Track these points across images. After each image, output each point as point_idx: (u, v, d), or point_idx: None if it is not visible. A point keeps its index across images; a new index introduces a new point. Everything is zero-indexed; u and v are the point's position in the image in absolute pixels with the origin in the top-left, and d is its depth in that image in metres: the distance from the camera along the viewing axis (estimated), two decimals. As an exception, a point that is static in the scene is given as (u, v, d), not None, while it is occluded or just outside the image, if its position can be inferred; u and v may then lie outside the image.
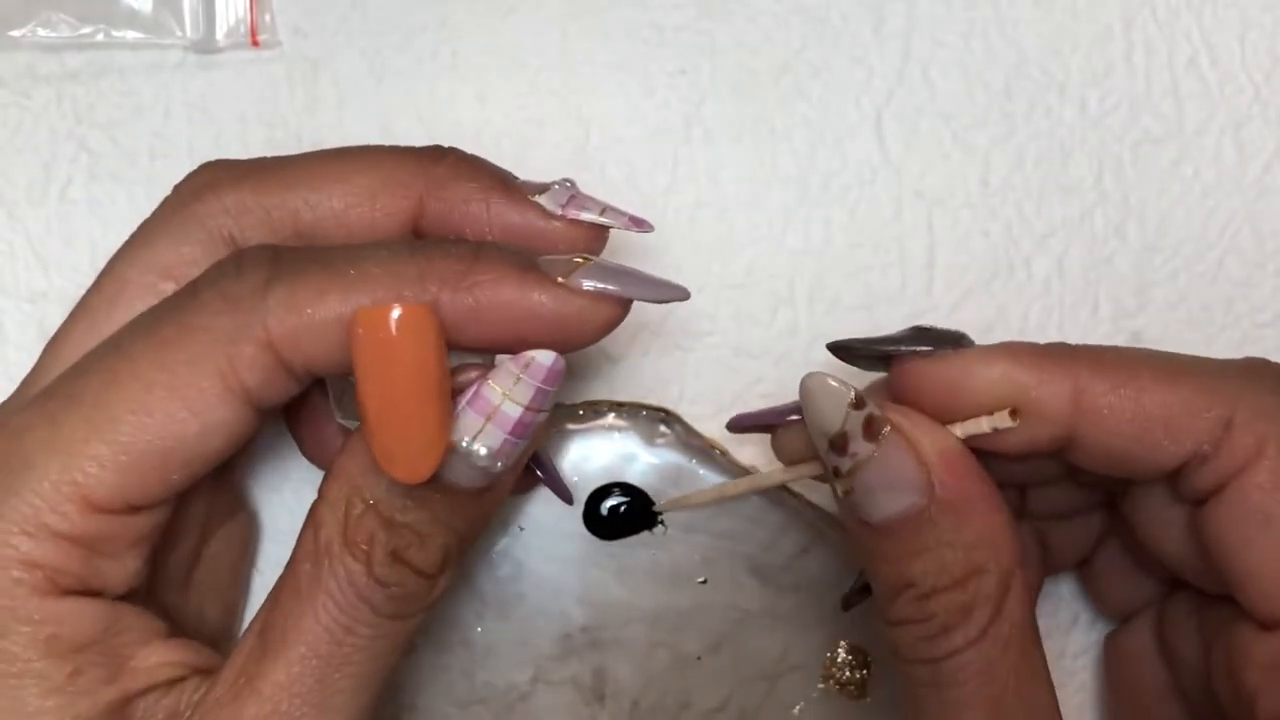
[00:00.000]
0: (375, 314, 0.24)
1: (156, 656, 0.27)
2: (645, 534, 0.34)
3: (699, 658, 0.34)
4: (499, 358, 0.26)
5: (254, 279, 0.26)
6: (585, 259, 0.27)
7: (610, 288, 0.27)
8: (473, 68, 0.37)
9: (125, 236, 0.30)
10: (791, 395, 0.37)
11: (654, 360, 0.36)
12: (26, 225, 0.36)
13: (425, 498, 0.26)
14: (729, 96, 0.37)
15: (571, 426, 0.34)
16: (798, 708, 0.34)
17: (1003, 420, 0.27)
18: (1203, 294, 0.37)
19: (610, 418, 0.35)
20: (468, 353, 0.27)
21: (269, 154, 0.37)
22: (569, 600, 0.34)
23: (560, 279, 0.26)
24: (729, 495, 0.33)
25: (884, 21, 0.37)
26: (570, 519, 0.34)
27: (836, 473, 0.27)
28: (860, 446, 0.26)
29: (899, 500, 0.26)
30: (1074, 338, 0.36)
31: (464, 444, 0.25)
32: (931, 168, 0.37)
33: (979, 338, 0.36)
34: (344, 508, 0.26)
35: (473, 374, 0.26)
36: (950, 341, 0.28)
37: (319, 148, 0.36)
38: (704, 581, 0.34)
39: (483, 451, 0.26)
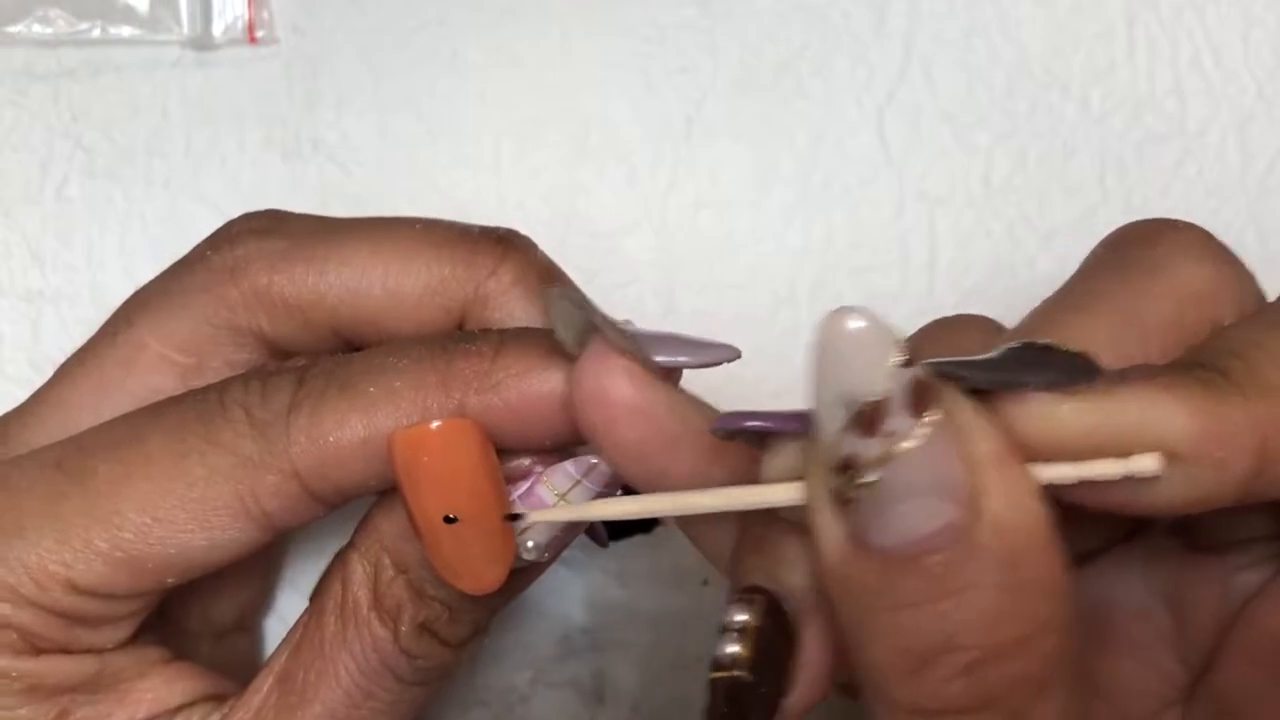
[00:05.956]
0: (411, 436, 0.23)
1: (157, 686, 0.26)
2: (646, 535, 0.34)
3: (699, 659, 0.34)
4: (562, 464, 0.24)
5: (278, 405, 0.25)
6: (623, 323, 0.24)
7: (650, 359, 0.23)
8: (472, 66, 0.37)
9: (122, 235, 0.29)
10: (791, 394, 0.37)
11: (654, 360, 0.36)
12: (22, 224, 0.36)
13: None
14: (730, 95, 0.37)
15: (571, 427, 0.34)
16: (798, 709, 0.34)
17: (1145, 464, 0.20)
18: (1206, 294, 0.37)
19: (610, 418, 0.35)
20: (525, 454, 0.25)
21: (267, 152, 0.37)
22: (569, 602, 0.34)
23: None
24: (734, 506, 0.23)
25: (885, 20, 0.37)
26: (570, 520, 0.34)
27: (846, 466, 0.19)
28: (900, 423, 0.19)
29: (933, 514, 0.19)
30: (1076, 338, 0.36)
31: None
32: (933, 167, 0.37)
33: (981, 338, 0.36)
34: (375, 568, 0.25)
35: (525, 463, 0.25)
36: (1078, 370, 0.20)
37: (317, 146, 0.37)
38: (705, 583, 0.34)
39: (530, 544, 0.24)
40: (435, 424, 0.23)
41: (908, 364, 0.19)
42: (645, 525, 0.34)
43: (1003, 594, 0.19)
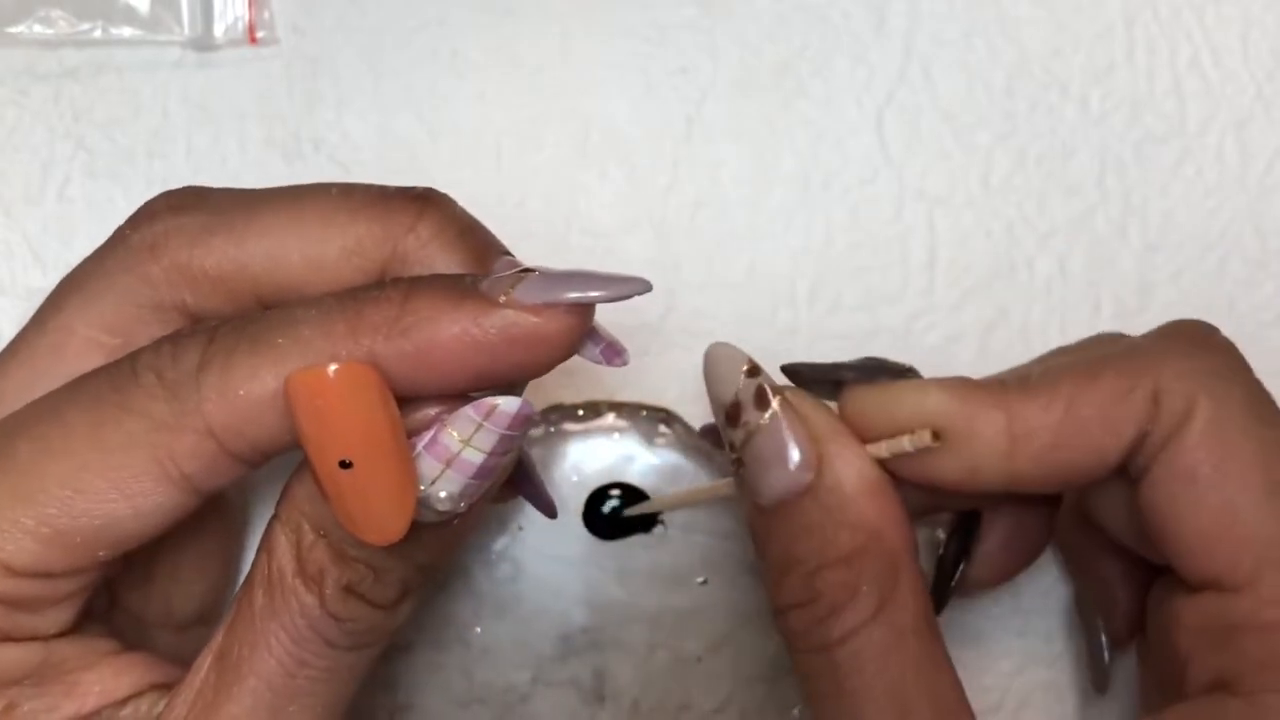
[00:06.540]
0: (306, 379, 0.22)
1: (105, 678, 0.26)
2: (645, 534, 0.34)
3: (699, 658, 0.34)
4: (463, 409, 0.24)
5: (188, 364, 0.24)
6: (529, 270, 0.24)
7: (562, 295, 0.24)
8: (472, 66, 0.37)
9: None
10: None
11: (654, 360, 0.36)
12: (24, 224, 0.36)
13: None
14: (730, 95, 0.37)
15: (571, 427, 0.34)
16: (797, 709, 0.34)
17: (922, 440, 0.27)
18: (1205, 294, 0.37)
19: (610, 418, 0.35)
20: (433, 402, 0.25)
21: (267, 153, 0.37)
22: (569, 601, 0.34)
23: (502, 299, 0.23)
24: (722, 494, 0.32)
25: (885, 20, 0.37)
26: (570, 519, 0.34)
27: (731, 447, 0.27)
28: (751, 415, 0.26)
29: (786, 476, 0.26)
30: (1076, 337, 0.36)
31: (421, 489, 0.24)
32: (933, 167, 0.37)
33: (981, 338, 0.37)
34: (296, 534, 0.25)
35: (431, 412, 0.24)
36: (897, 374, 0.28)
37: (318, 146, 0.37)
38: (704, 582, 0.34)
39: (442, 495, 0.24)
40: (332, 367, 0.22)
41: (752, 374, 0.27)
42: (645, 524, 0.34)
43: (835, 529, 0.26)
